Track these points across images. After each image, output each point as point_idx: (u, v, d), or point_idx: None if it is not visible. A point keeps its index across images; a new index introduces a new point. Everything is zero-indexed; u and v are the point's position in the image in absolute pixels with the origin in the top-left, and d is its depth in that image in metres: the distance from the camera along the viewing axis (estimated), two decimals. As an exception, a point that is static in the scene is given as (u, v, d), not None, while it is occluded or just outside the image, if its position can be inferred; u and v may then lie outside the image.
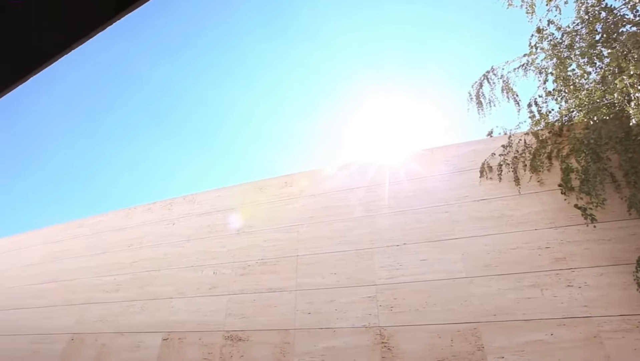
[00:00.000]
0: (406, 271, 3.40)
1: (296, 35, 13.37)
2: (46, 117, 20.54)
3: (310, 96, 15.59)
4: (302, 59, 13.57)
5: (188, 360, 3.72)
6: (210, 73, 15.21)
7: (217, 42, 13.85)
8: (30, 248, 6.79)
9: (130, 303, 4.55)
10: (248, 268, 4.11)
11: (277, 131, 17.18)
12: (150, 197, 17.78)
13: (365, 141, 10.51)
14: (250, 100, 15.52)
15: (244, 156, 18.90)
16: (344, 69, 13.55)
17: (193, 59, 14.98)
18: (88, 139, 22.33)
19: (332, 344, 3.26)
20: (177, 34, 14.24)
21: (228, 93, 15.69)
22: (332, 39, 13.26)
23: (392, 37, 12.39)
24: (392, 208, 3.88)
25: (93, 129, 21.28)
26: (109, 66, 16.23)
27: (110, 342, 4.30)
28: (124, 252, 5.25)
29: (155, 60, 13.96)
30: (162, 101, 17.77)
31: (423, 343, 2.98)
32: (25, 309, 5.59)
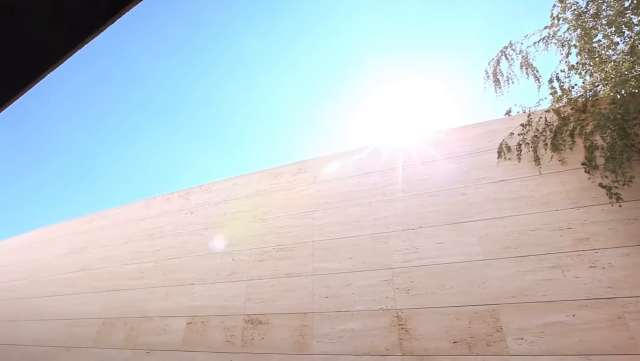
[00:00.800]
0: (422, 255, 3.40)
1: (306, 20, 13.06)
2: (63, 114, 21.06)
3: (322, 81, 15.35)
4: (312, 44, 13.30)
5: (212, 341, 3.89)
6: (219, 64, 15.13)
7: (224, 31, 13.71)
8: (59, 239, 7.13)
9: (155, 289, 4.74)
10: (265, 254, 4.20)
11: (290, 118, 17.09)
12: (168, 187, 18.23)
13: (378, 125, 10.35)
14: (261, 88, 15.43)
15: (258, 144, 18.96)
16: (355, 53, 13.24)
17: (201, 50, 14.91)
18: (102, 134, 22.85)
19: (350, 326, 3.32)
20: (183, 25, 14.17)
21: (239, 82, 15.63)
22: (342, 23, 12.90)
23: (402, 18, 11.96)
24: (406, 191, 3.84)
25: (106, 124, 21.71)
26: (116, 63, 16.36)
27: (138, 326, 4.52)
28: (145, 241, 5.44)
29: (162, 54, 13.99)
30: (171, 94, 17.90)
31: (440, 325, 3.01)
32: (58, 296, 5.92)
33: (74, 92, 18.63)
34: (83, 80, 18.55)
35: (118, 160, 22.83)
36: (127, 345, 4.43)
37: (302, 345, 3.43)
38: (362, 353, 3.15)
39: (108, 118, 19.95)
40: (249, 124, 17.57)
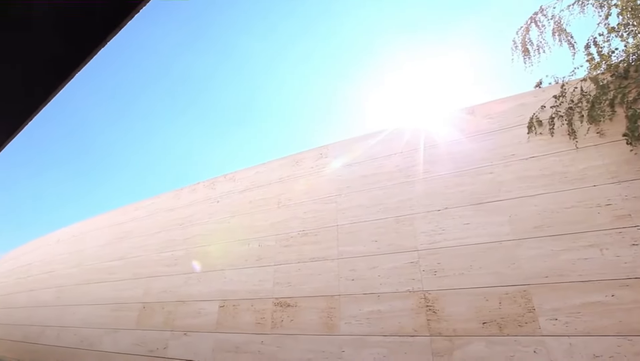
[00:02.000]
0: (448, 236, 3.33)
1: (323, 3, 12.72)
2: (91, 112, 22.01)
3: (341, 65, 15.04)
4: (331, 28, 12.98)
5: (243, 323, 4.06)
6: (237, 53, 15.13)
7: (241, 19, 13.63)
8: (100, 230, 7.61)
9: (188, 275, 4.99)
10: (291, 240, 4.28)
11: (311, 104, 16.98)
12: (195, 177, 18.69)
13: (399, 106, 10.07)
14: (280, 75, 15.35)
15: (279, 131, 19.06)
16: (375, 34, 12.80)
17: (218, 38, 14.95)
18: (125, 127, 23.73)
19: (377, 308, 3.36)
20: (200, 14, 14.20)
21: (257, 70, 15.63)
22: (359, 4, 12.45)
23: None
24: (430, 172, 3.75)
25: (128, 117, 22.48)
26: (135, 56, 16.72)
27: (175, 309, 4.80)
28: (176, 230, 5.69)
29: (179, 44, 14.15)
30: (191, 85, 18.18)
31: (469, 305, 2.97)
32: (102, 283, 6.37)
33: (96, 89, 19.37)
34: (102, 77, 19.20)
35: (143, 152, 23.77)
36: (166, 327, 4.72)
37: (330, 326, 3.51)
38: (390, 334, 3.19)
39: (130, 111, 20.71)
40: (269, 111, 17.66)
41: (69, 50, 1.82)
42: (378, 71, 13.18)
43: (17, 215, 55.07)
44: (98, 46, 1.74)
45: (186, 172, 34.56)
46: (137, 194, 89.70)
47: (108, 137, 22.68)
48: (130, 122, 42.45)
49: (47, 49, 1.85)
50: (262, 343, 3.80)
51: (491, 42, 6.82)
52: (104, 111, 20.86)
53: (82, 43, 1.73)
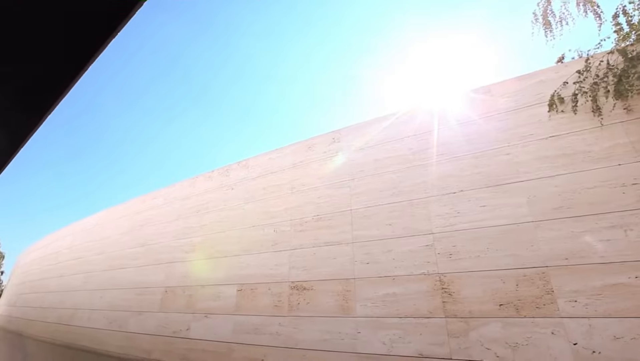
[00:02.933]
0: (464, 219, 3.29)
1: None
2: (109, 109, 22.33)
3: (353, 48, 14.68)
4: (343, 11, 12.61)
5: (261, 306, 4.19)
6: (246, 40, 14.93)
7: (253, 5, 13.38)
8: (121, 218, 7.89)
9: (206, 260, 5.13)
10: (305, 225, 4.32)
11: (323, 89, 16.75)
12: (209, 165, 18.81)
13: (413, 87, 9.82)
14: (291, 61, 15.16)
15: (292, 117, 18.89)
16: (387, 15, 12.36)
17: (227, 26, 14.79)
18: (137, 117, 24.01)
19: (392, 291, 3.39)
20: (208, 3, 14.04)
21: (268, 57, 15.42)
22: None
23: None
24: (445, 154, 3.68)
25: (140, 108, 22.74)
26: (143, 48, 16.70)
27: (195, 293, 4.98)
28: (193, 217, 5.83)
29: (187, 36, 14.06)
30: (200, 74, 18.11)
31: (485, 288, 2.96)
32: (127, 268, 6.65)
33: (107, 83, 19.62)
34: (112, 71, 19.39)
35: (158, 141, 24.14)
36: (188, 310, 4.92)
37: (345, 308, 3.58)
38: (405, 316, 3.22)
39: (141, 102, 20.96)
40: (281, 97, 17.57)
41: (80, 45, 1.85)
42: (391, 53, 12.80)
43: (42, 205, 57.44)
44: (107, 39, 1.76)
45: (201, 160, 34.54)
46: (154, 183, 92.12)
47: (122, 129, 23.02)
48: (144, 113, 42.52)
49: (59, 47, 1.88)
50: (280, 325, 3.91)
51: (508, 18, 6.50)
52: (118, 105, 21.18)
53: (91, 37, 1.75)
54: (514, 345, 2.69)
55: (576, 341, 2.50)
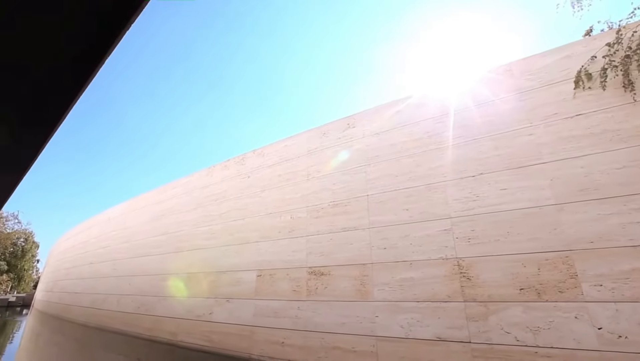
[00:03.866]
0: (483, 202, 3.22)
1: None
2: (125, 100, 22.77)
3: (367, 29, 14.25)
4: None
5: (280, 290, 4.29)
6: (258, 26, 14.74)
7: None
8: (143, 208, 8.17)
9: (226, 248, 5.27)
10: (321, 211, 4.35)
11: (337, 73, 16.44)
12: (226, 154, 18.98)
13: (429, 69, 9.50)
14: (304, 46, 14.90)
15: (306, 103, 18.74)
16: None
17: (238, 13, 14.62)
18: (152, 108, 24.31)
19: (410, 275, 3.39)
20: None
21: (279, 43, 15.22)
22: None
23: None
24: (463, 137, 3.58)
25: (154, 98, 22.97)
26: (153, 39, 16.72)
27: (217, 279, 5.14)
28: (212, 205, 5.97)
29: (198, 24, 13.98)
30: (212, 62, 18.10)
31: (505, 272, 2.91)
32: (150, 256, 6.93)
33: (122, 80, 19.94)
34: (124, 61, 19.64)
35: (171, 131, 24.53)
36: (210, 294, 5.10)
37: (363, 293, 3.61)
38: (423, 300, 3.23)
39: (156, 93, 21.25)
40: (295, 83, 17.41)
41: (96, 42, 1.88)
42: (406, 35, 12.38)
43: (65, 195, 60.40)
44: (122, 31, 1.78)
45: (217, 149, 34.77)
46: (172, 172, 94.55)
47: (137, 119, 23.48)
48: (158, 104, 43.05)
49: (76, 45, 1.92)
50: (299, 309, 4.01)
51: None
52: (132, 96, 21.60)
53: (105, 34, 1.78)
54: (535, 329, 2.66)
55: (601, 326, 2.44)
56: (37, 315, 11.73)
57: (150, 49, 49.76)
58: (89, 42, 1.81)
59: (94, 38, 1.79)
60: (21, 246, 27.47)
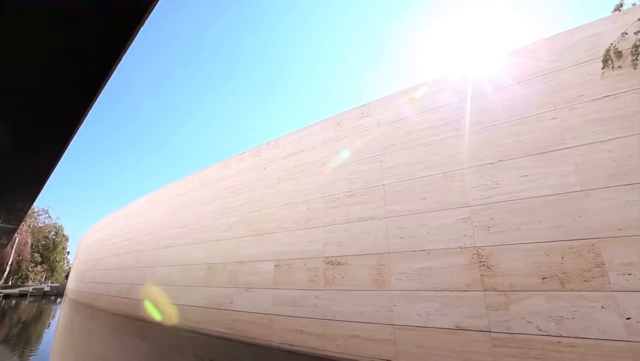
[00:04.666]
0: (503, 190, 3.14)
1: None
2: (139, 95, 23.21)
3: (381, 13, 13.87)
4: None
5: (298, 280, 4.35)
6: (270, 17, 14.60)
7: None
8: (164, 201, 8.41)
9: (243, 239, 5.38)
10: (337, 201, 4.35)
11: (350, 61, 16.13)
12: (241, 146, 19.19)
13: (446, 54, 9.19)
14: (316, 35, 14.67)
15: (320, 93, 18.55)
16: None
17: (250, 4, 14.51)
18: (167, 101, 24.68)
19: (427, 264, 3.36)
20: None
21: (291, 34, 15.03)
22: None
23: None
24: (482, 123, 3.47)
25: (168, 91, 23.27)
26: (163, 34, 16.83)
27: (236, 269, 5.27)
28: (229, 198, 6.07)
29: (209, 17, 13.95)
30: (225, 56, 18.10)
31: (527, 261, 2.84)
32: (171, 247, 7.16)
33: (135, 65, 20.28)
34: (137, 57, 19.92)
35: (187, 124, 24.93)
36: (230, 284, 5.24)
37: (380, 282, 3.62)
38: (441, 289, 3.21)
39: (169, 85, 21.53)
40: (308, 73, 17.26)
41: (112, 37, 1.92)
42: (422, 17, 11.99)
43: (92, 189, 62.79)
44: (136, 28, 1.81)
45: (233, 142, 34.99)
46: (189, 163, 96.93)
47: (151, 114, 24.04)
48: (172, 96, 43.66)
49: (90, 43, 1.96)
50: (317, 298, 4.06)
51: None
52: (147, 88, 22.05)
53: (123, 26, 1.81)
54: (558, 319, 2.60)
55: (629, 316, 2.36)
56: (70, 304, 12.40)
57: (161, 45, 50.77)
58: (104, 43, 1.85)
59: (108, 38, 1.83)
60: (52, 239, 28.93)
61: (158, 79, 74.94)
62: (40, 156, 3.84)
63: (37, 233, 26.99)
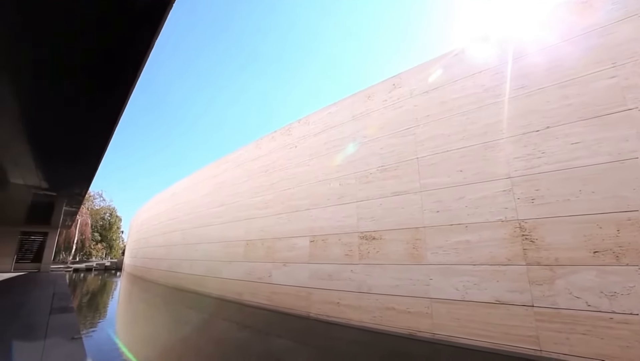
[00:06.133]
0: (550, 159, 2.91)
1: None
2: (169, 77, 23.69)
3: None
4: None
5: (333, 254, 4.44)
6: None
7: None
8: (201, 182, 8.83)
9: (279, 216, 5.54)
10: (370, 176, 4.30)
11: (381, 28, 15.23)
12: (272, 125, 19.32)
13: (483, 13, 8.39)
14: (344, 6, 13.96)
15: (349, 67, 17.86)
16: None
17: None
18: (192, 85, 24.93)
19: (465, 238, 3.27)
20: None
21: (317, 9, 14.40)
22: None
23: None
24: (526, 87, 3.20)
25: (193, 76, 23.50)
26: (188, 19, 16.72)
27: (273, 245, 5.48)
28: (263, 177, 6.23)
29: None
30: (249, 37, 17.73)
31: (576, 233, 2.66)
32: (212, 226, 7.57)
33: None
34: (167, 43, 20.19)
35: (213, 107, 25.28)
36: (267, 259, 5.48)
37: (416, 256, 3.60)
38: (480, 263, 3.12)
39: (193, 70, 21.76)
40: (337, 47, 16.65)
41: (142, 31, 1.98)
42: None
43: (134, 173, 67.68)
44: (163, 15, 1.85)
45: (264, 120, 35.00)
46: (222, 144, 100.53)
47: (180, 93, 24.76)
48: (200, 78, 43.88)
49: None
50: (352, 272, 4.14)
51: None
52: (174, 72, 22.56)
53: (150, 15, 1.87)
54: (610, 294, 2.45)
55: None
56: (127, 277, 13.71)
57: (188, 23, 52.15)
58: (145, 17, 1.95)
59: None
60: (107, 220, 31.73)
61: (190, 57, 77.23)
62: (92, 141, 4.15)
63: (94, 214, 29.72)
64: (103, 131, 3.78)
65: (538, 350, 2.67)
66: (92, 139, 4.06)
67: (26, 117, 3.42)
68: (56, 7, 1.85)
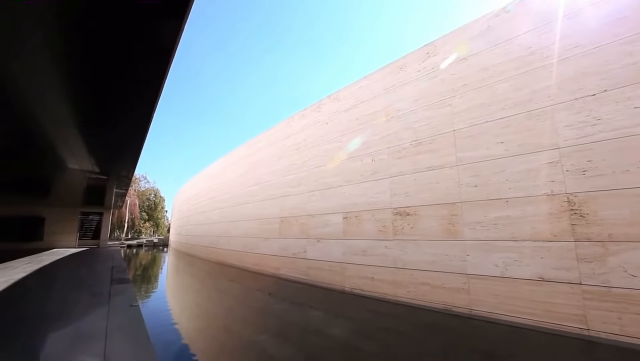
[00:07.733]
0: (607, 126, 2.64)
1: None
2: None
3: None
4: None
5: (367, 231, 4.46)
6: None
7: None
8: (236, 162, 9.11)
9: (312, 193, 5.60)
10: (403, 151, 4.18)
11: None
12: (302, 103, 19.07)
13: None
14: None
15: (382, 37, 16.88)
16: None
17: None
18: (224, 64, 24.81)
19: (506, 213, 3.12)
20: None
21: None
22: None
23: None
24: (579, 46, 2.87)
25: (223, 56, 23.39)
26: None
27: (307, 222, 5.59)
28: (295, 155, 6.28)
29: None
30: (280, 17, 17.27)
31: (635, 208, 2.44)
32: (248, 204, 7.85)
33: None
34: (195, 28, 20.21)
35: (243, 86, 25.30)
36: (302, 235, 5.62)
37: (452, 232, 3.51)
38: (522, 239, 2.98)
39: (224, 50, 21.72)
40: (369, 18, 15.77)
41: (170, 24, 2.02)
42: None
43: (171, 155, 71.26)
44: None
45: (295, 98, 34.36)
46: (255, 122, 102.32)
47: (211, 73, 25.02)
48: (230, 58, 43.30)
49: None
50: (386, 248, 4.14)
51: None
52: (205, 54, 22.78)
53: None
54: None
55: None
56: (173, 253, 14.80)
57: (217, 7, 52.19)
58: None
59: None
60: (152, 200, 34.07)
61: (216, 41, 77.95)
62: (134, 128, 4.43)
63: (141, 195, 32.05)
64: (143, 115, 4.01)
65: (585, 329, 2.55)
66: (134, 126, 4.35)
67: (79, 117, 3.80)
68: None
